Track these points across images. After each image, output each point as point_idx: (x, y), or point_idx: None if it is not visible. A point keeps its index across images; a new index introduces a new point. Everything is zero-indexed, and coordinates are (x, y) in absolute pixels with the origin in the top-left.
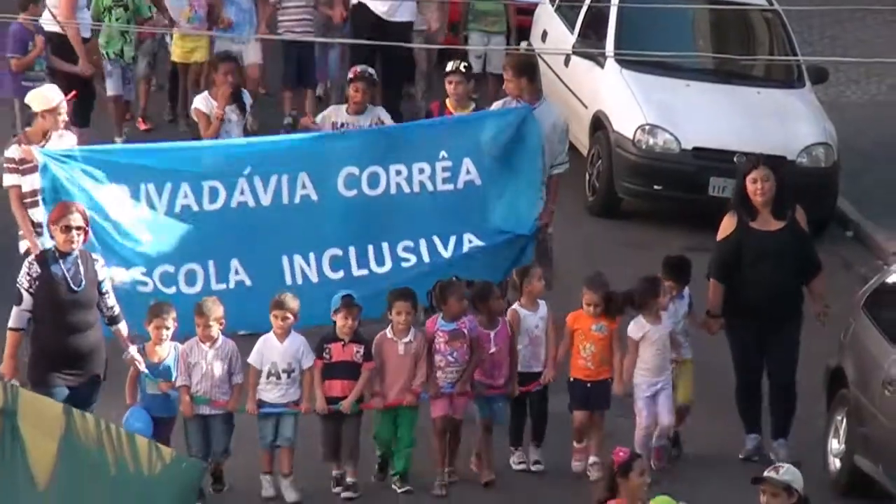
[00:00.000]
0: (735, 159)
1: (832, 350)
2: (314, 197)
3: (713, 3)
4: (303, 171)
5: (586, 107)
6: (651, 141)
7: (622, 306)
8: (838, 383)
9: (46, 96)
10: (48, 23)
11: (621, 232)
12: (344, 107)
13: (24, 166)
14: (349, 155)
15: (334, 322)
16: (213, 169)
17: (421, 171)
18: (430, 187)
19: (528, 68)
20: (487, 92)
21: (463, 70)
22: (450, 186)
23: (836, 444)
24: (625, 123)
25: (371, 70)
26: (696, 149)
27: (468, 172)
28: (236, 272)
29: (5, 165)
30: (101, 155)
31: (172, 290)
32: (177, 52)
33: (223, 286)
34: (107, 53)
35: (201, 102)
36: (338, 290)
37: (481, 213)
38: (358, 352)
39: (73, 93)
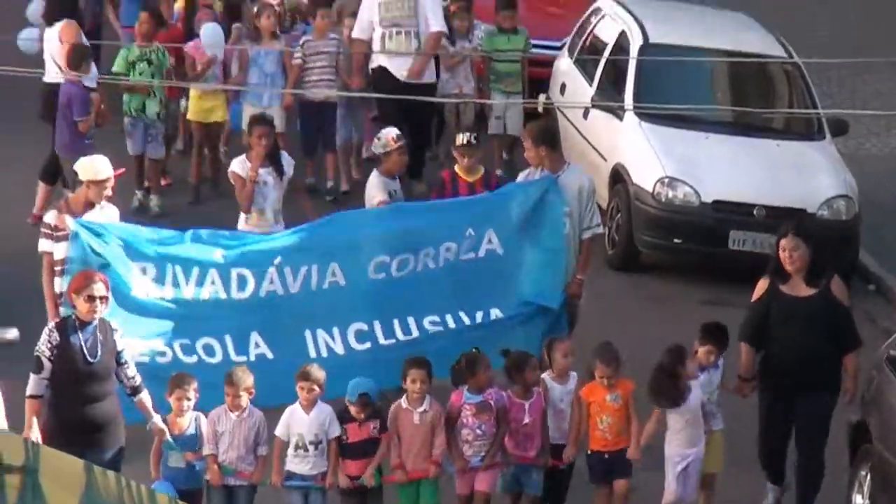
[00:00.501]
0: (755, 212)
1: (855, 405)
2: (342, 283)
3: (732, 55)
4: (334, 261)
5: (605, 160)
6: (670, 194)
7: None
8: (861, 438)
9: (95, 167)
10: (53, 76)
11: (641, 285)
12: (377, 175)
13: (58, 233)
14: (382, 246)
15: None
16: (243, 258)
17: (448, 249)
18: (452, 259)
19: (546, 136)
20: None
21: (473, 143)
22: (471, 255)
23: (859, 500)
24: (644, 176)
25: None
26: (715, 202)
27: (490, 242)
28: (256, 345)
29: (42, 230)
30: (133, 234)
31: (193, 359)
32: (193, 111)
33: (243, 358)
34: (128, 110)
35: (237, 165)
36: (365, 361)
37: (505, 284)
38: (375, 428)
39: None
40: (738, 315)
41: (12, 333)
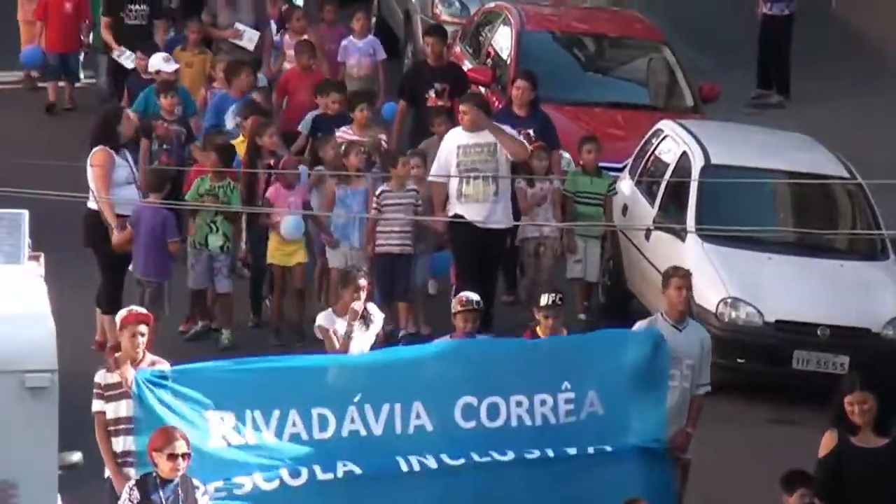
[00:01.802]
0: (818, 332)
1: None
2: (429, 428)
3: (794, 176)
4: (417, 400)
5: None
6: (733, 314)
7: None
8: None
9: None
10: (94, 202)
11: (706, 404)
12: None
13: (108, 392)
14: (466, 384)
15: None
16: (322, 395)
17: (543, 402)
18: (552, 420)
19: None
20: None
21: (559, 304)
22: (572, 419)
23: None
24: (707, 297)
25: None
26: (778, 322)
27: (591, 405)
28: (344, 465)
29: (94, 391)
30: (199, 374)
31: (275, 483)
32: (275, 255)
33: (330, 476)
34: (192, 242)
35: (324, 319)
36: (462, 482)
37: (604, 437)
38: None
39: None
40: (805, 434)
41: (76, 456)
